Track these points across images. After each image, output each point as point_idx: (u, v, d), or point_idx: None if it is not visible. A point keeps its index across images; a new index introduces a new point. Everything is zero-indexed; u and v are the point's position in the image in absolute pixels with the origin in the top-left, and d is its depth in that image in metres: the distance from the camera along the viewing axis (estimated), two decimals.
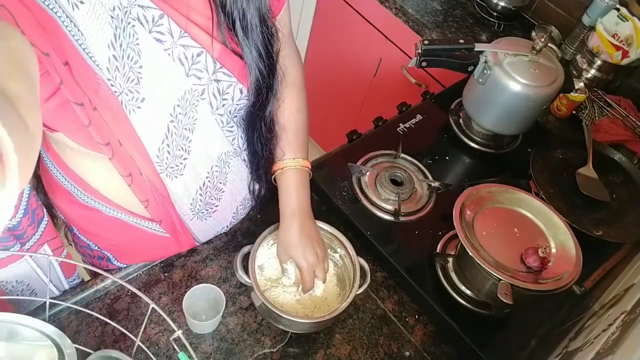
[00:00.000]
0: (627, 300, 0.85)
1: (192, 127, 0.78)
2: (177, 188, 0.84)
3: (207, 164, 0.85)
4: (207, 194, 0.89)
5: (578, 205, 1.11)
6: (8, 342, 0.69)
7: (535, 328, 0.96)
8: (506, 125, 1.21)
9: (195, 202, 0.88)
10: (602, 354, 0.74)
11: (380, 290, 0.99)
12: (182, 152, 0.80)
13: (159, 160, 0.78)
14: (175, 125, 0.76)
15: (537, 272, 0.87)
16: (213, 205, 0.93)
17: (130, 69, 0.68)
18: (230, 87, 0.78)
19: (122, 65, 0.67)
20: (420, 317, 0.96)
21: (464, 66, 1.16)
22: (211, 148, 0.84)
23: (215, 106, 0.79)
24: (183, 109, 0.76)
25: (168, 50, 0.70)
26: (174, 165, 0.80)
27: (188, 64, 0.72)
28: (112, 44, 0.65)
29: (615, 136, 1.32)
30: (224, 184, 0.91)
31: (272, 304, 0.84)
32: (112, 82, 0.67)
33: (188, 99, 0.75)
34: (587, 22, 1.54)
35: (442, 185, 1.11)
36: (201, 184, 0.87)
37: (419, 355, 0.92)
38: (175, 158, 0.80)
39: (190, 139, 0.79)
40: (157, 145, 0.76)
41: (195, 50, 0.72)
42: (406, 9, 1.70)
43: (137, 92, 0.70)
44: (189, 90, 0.74)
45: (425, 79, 1.74)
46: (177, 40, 0.71)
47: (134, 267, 0.93)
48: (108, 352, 0.75)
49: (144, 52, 0.68)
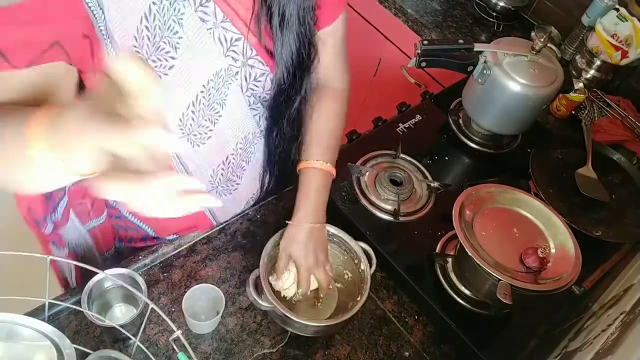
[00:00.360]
0: (627, 301, 0.85)
1: (223, 102, 0.83)
2: (198, 156, 0.86)
3: (233, 141, 0.89)
4: (229, 171, 0.92)
5: (577, 206, 1.11)
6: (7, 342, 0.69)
7: (534, 328, 0.96)
8: (505, 125, 1.21)
9: (215, 175, 0.91)
10: (602, 354, 0.74)
11: (379, 290, 0.99)
12: (208, 123, 0.83)
13: (182, 124, 0.80)
14: (204, 96, 0.80)
15: (537, 272, 0.87)
16: (234, 183, 0.96)
17: (164, 39, 0.72)
18: (263, 75, 0.83)
19: (153, 35, 0.70)
20: (420, 318, 0.96)
21: (464, 66, 1.16)
22: (238, 126, 0.87)
23: (245, 88, 0.83)
24: (216, 84, 0.80)
25: (210, 30, 0.75)
26: (197, 134, 0.83)
27: (227, 45, 0.77)
28: (145, 17, 0.69)
29: (615, 136, 1.33)
30: (247, 163, 0.94)
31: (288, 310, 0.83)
32: (138, 49, 0.70)
33: (222, 75, 0.80)
34: (586, 22, 1.54)
35: (442, 186, 1.11)
36: (224, 158, 0.90)
37: (418, 355, 0.92)
38: (199, 127, 0.83)
39: (220, 113, 0.83)
40: (182, 110, 0.79)
41: (234, 35, 0.77)
42: (405, 9, 1.70)
43: (165, 60, 0.73)
44: (225, 68, 0.79)
45: (425, 79, 1.74)
46: (219, 22, 0.76)
47: (133, 266, 0.93)
48: (107, 352, 0.75)
49: (186, 26, 0.73)
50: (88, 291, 0.80)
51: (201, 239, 0.99)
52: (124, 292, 0.86)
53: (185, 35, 0.73)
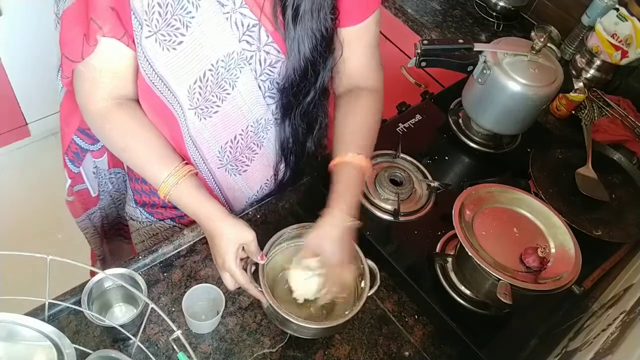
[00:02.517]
0: (627, 300, 0.85)
1: (234, 83, 0.85)
2: (205, 130, 0.88)
3: (242, 122, 0.90)
4: (237, 150, 0.94)
5: (577, 205, 1.11)
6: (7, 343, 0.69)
7: (534, 328, 0.96)
8: (505, 125, 1.21)
9: (223, 151, 0.93)
10: (602, 354, 0.74)
11: (379, 290, 0.99)
12: (215, 99, 0.85)
13: (189, 95, 0.83)
14: (212, 74, 0.82)
15: (537, 272, 0.87)
16: (243, 164, 0.97)
17: (175, 17, 0.75)
18: (279, 62, 0.85)
19: (165, 12, 0.74)
20: (420, 317, 0.96)
21: (464, 66, 1.16)
22: (248, 108, 0.88)
23: (260, 72, 0.85)
24: (226, 64, 0.82)
25: (227, 14, 0.77)
26: (204, 107, 0.85)
27: (242, 30, 0.80)
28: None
29: (615, 136, 1.32)
30: (259, 147, 0.95)
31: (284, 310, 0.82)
32: (147, 22, 0.75)
33: (235, 58, 0.82)
34: (586, 22, 1.54)
35: (442, 185, 1.11)
36: (232, 137, 0.91)
37: (418, 355, 0.92)
38: (206, 101, 0.85)
39: (228, 91, 0.85)
40: (189, 83, 0.82)
41: (251, 21, 0.79)
42: (405, 9, 1.70)
43: (175, 36, 0.77)
44: (238, 52, 0.81)
45: (425, 79, 1.74)
46: (238, 8, 0.78)
47: (133, 266, 0.93)
48: (107, 352, 0.75)
49: (203, 7, 0.76)
50: (88, 291, 0.80)
51: (201, 238, 1.00)
52: (124, 292, 0.86)
53: (198, 15, 0.76)
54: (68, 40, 0.80)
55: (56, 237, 2.14)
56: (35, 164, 2.40)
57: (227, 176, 0.97)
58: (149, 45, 0.77)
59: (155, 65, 0.80)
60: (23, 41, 2.04)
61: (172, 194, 0.86)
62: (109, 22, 0.76)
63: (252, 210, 1.05)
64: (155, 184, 0.88)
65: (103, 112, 0.86)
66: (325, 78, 0.89)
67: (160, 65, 0.79)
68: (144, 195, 1.07)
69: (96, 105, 0.86)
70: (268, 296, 0.82)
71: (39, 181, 2.32)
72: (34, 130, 2.39)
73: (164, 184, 0.86)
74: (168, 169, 0.86)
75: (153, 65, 0.80)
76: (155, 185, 0.88)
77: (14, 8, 1.96)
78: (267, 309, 0.87)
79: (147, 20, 0.74)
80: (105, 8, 0.75)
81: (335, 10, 0.83)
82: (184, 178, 0.86)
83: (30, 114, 2.32)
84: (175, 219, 1.08)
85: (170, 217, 1.08)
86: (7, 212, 2.21)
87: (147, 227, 1.11)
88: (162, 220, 1.09)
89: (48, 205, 2.19)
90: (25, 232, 2.14)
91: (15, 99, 2.21)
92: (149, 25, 0.75)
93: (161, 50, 0.78)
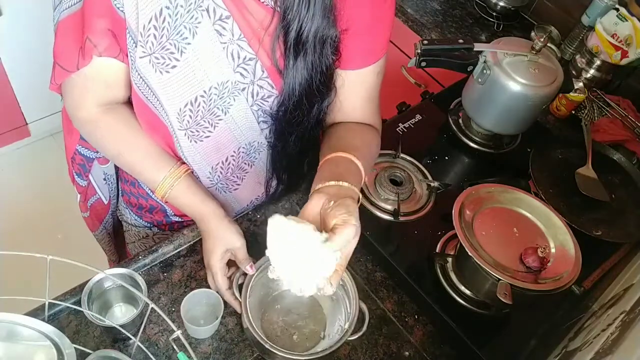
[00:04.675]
0: (627, 300, 0.85)
1: (226, 109, 0.84)
2: (195, 152, 0.88)
3: (233, 145, 0.89)
4: (228, 170, 0.93)
5: (577, 205, 1.11)
6: (7, 343, 0.69)
7: (534, 328, 0.96)
8: (505, 125, 1.21)
9: (214, 172, 0.92)
10: (602, 354, 0.74)
11: (379, 290, 0.99)
12: (207, 124, 0.85)
13: (179, 117, 0.82)
14: (204, 100, 0.81)
15: (537, 272, 0.87)
16: (234, 183, 0.97)
17: (170, 41, 0.74)
18: (271, 97, 0.84)
19: (160, 35, 0.73)
20: (420, 317, 0.96)
21: (464, 66, 1.16)
22: (241, 132, 0.88)
23: (252, 103, 0.84)
24: (219, 92, 0.81)
25: (224, 44, 0.76)
26: (195, 131, 0.85)
27: (238, 62, 0.79)
28: (155, 17, 0.72)
29: (615, 136, 1.32)
30: (250, 166, 0.95)
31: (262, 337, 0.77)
32: (142, 43, 0.74)
33: (228, 87, 0.81)
34: (586, 22, 1.54)
35: (442, 185, 1.11)
36: (224, 159, 0.91)
37: (418, 355, 0.92)
38: (197, 125, 0.84)
39: (220, 117, 0.84)
40: (179, 106, 0.81)
41: (248, 54, 0.78)
42: (405, 8, 1.70)
43: (169, 59, 0.76)
44: (232, 81, 0.80)
45: (425, 79, 1.74)
46: (236, 39, 0.77)
47: (133, 266, 0.93)
48: (107, 352, 0.75)
49: (200, 35, 0.74)
50: (88, 291, 0.80)
51: (201, 238, 0.99)
52: (124, 292, 0.86)
53: (194, 42, 0.75)
54: (62, 51, 0.79)
55: (56, 237, 2.15)
56: (35, 164, 2.40)
57: (217, 194, 0.97)
58: (142, 65, 0.76)
59: (148, 82, 0.79)
60: (23, 41, 2.04)
61: (169, 195, 0.87)
62: (105, 42, 0.76)
63: (252, 210, 1.05)
64: (152, 187, 0.88)
65: (93, 118, 0.86)
66: (321, 113, 0.87)
67: (153, 83, 0.79)
68: (132, 198, 1.07)
69: (86, 112, 0.85)
70: (243, 308, 0.80)
71: (39, 181, 2.32)
72: (34, 130, 2.39)
73: (161, 186, 0.87)
74: (164, 171, 0.87)
75: (147, 81, 0.79)
76: (152, 188, 0.89)
77: (14, 8, 1.96)
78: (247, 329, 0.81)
79: (142, 41, 0.74)
80: (102, 29, 0.75)
81: (337, 52, 0.81)
82: (180, 179, 0.87)
83: (30, 114, 2.32)
84: (162, 226, 1.08)
85: (158, 221, 1.07)
86: (7, 212, 2.21)
87: (135, 229, 1.11)
88: (150, 225, 1.09)
89: (48, 205, 2.19)
90: (26, 232, 2.14)
91: (15, 99, 2.21)
92: (144, 46, 0.74)
93: (154, 72, 0.77)
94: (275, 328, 0.88)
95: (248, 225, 1.03)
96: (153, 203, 1.04)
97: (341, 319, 0.86)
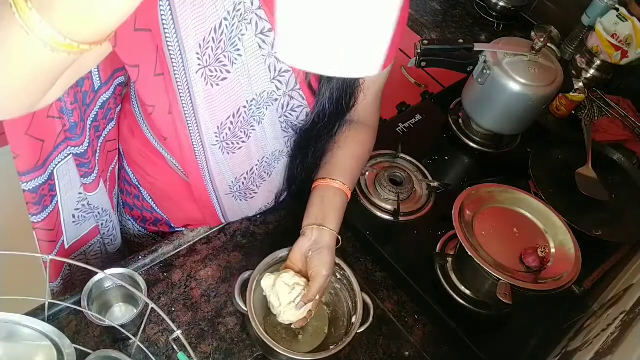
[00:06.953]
0: (627, 300, 0.85)
1: (260, 119, 0.85)
2: (225, 164, 0.88)
3: (260, 154, 0.91)
4: (250, 180, 0.94)
5: (577, 205, 1.11)
6: (7, 342, 0.69)
7: (534, 328, 0.96)
8: (505, 125, 1.21)
9: (237, 182, 0.93)
10: (602, 354, 0.74)
11: (379, 290, 0.99)
12: (242, 135, 0.86)
13: (218, 132, 0.82)
14: (245, 111, 0.83)
15: (537, 272, 0.87)
16: (252, 192, 0.97)
17: (225, 53, 0.75)
18: (300, 107, 0.87)
19: (217, 47, 0.74)
20: (420, 317, 0.96)
21: (464, 66, 1.16)
22: (268, 142, 0.90)
23: (280, 114, 0.86)
24: (258, 103, 0.83)
25: (265, 56, 0.78)
26: (231, 143, 0.85)
27: (275, 73, 0.81)
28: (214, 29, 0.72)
29: (615, 136, 1.33)
30: (269, 175, 0.96)
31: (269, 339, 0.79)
32: (199, 56, 0.73)
33: (264, 97, 0.83)
34: (586, 22, 1.54)
35: (442, 185, 1.11)
36: (249, 169, 0.92)
37: (418, 355, 0.92)
38: (234, 137, 0.85)
39: (254, 127, 0.86)
40: (222, 119, 0.81)
41: (284, 66, 0.81)
42: None
43: (221, 72, 0.76)
44: (268, 92, 0.82)
45: (425, 79, 1.74)
46: (275, 52, 0.78)
47: (133, 266, 0.93)
48: (107, 352, 0.75)
49: (245, 43, 0.76)
50: (88, 291, 0.80)
51: (201, 238, 1.00)
52: (124, 292, 0.86)
53: (244, 53, 0.76)
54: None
55: None
56: None
57: (233, 201, 0.97)
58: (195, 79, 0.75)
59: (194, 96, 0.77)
60: None
61: None
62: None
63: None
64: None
65: None
66: (341, 127, 0.93)
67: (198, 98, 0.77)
68: (135, 210, 1.06)
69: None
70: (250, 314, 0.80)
71: None
72: None
73: None
74: None
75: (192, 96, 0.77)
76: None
77: None
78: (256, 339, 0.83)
79: (200, 54, 0.73)
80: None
81: None
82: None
83: None
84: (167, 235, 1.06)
85: (163, 232, 1.07)
86: (6, 212, 2.21)
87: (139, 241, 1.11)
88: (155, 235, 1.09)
89: None
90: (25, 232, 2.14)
91: None
92: (200, 59, 0.73)
93: (204, 85, 0.76)
94: (279, 330, 0.89)
95: (248, 225, 1.03)
96: (158, 216, 1.04)
97: (344, 311, 0.88)
